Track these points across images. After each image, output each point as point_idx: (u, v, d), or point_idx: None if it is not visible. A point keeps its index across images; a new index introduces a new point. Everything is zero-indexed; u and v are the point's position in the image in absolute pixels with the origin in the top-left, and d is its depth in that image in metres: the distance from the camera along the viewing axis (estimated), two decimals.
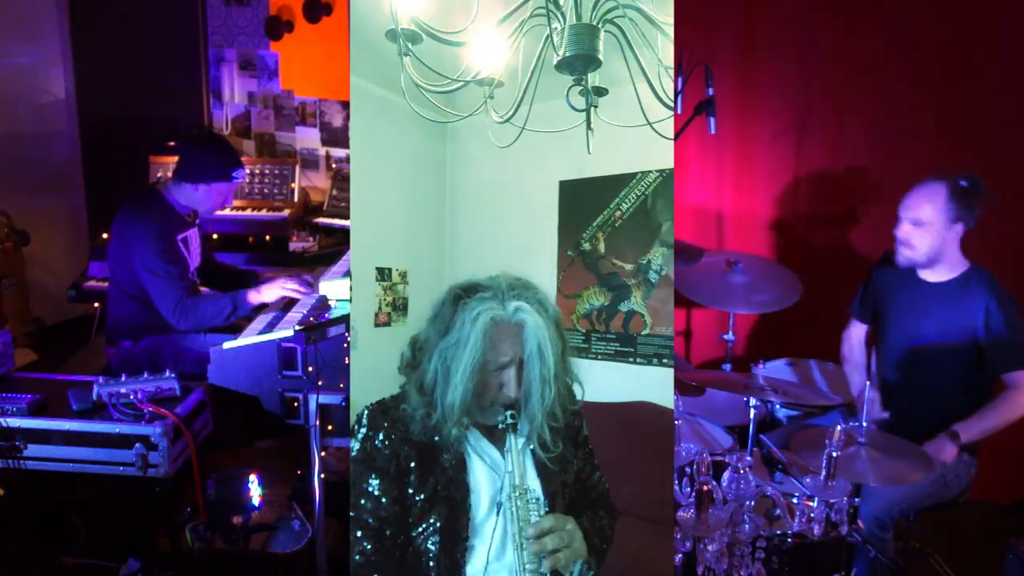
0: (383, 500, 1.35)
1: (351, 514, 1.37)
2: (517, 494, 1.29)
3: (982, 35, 3.12)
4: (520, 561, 1.27)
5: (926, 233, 2.52)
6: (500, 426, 1.35)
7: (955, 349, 2.54)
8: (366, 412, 1.40)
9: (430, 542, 1.35)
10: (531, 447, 1.44)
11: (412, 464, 1.36)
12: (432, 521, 1.35)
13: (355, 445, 1.38)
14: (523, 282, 1.37)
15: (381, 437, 1.37)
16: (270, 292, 2.96)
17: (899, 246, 2.59)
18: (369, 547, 1.33)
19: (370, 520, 1.34)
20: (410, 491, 1.36)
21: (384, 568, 1.34)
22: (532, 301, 1.33)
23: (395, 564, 1.36)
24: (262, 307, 2.99)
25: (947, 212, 2.48)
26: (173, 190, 3.04)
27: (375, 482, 1.35)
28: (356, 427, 1.39)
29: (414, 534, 1.36)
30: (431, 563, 1.35)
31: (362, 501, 1.35)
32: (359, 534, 1.34)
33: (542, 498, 1.43)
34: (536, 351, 1.31)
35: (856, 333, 2.90)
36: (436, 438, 1.37)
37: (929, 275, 2.62)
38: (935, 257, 2.56)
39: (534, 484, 1.44)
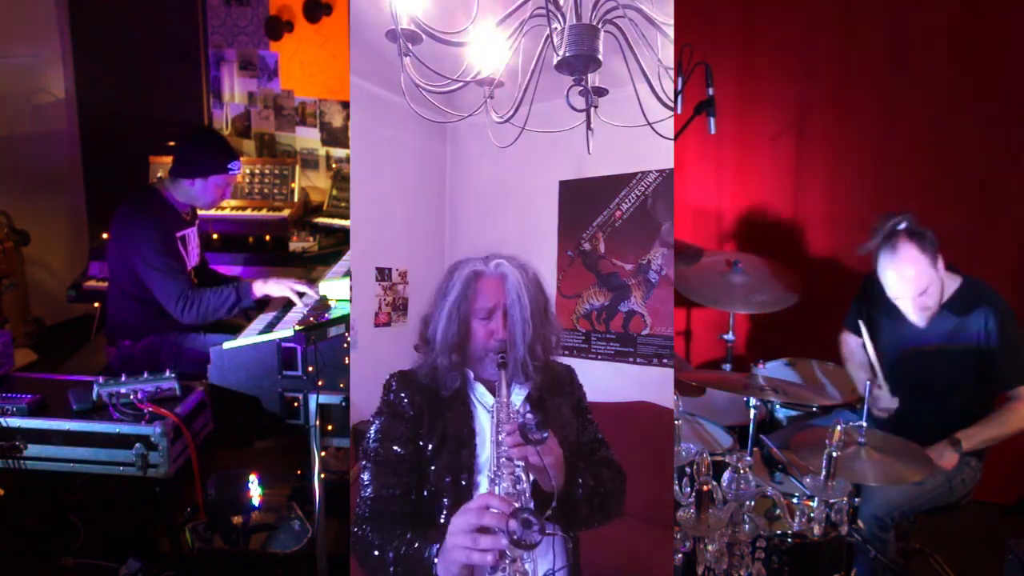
0: (403, 441, 1.57)
1: (364, 454, 1.59)
2: (500, 406, 1.47)
3: (982, 34, 3.12)
4: (495, 455, 1.41)
5: (934, 290, 2.45)
6: (494, 371, 1.56)
7: (956, 363, 2.51)
8: (391, 376, 1.66)
9: (442, 476, 1.54)
10: (529, 400, 1.63)
11: (424, 410, 1.59)
12: (443, 458, 1.55)
13: (383, 399, 1.64)
14: (509, 254, 1.64)
15: (399, 388, 1.62)
16: (277, 287, 2.91)
17: (916, 315, 2.50)
18: (393, 482, 1.54)
19: (391, 459, 1.55)
20: (422, 431, 1.58)
21: (404, 501, 1.54)
22: (514, 263, 1.61)
23: (412, 499, 1.55)
24: (264, 301, 2.98)
25: (931, 261, 2.42)
26: (171, 187, 3.04)
27: (396, 427, 1.58)
28: (385, 386, 1.65)
29: (428, 470, 1.56)
30: (444, 496, 1.53)
31: (388, 444, 1.57)
32: (375, 471, 1.55)
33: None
34: (516, 298, 1.58)
35: (852, 339, 2.89)
36: (443, 391, 1.60)
37: (923, 323, 2.56)
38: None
39: None
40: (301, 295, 2.91)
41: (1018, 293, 2.90)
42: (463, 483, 1.53)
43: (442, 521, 1.51)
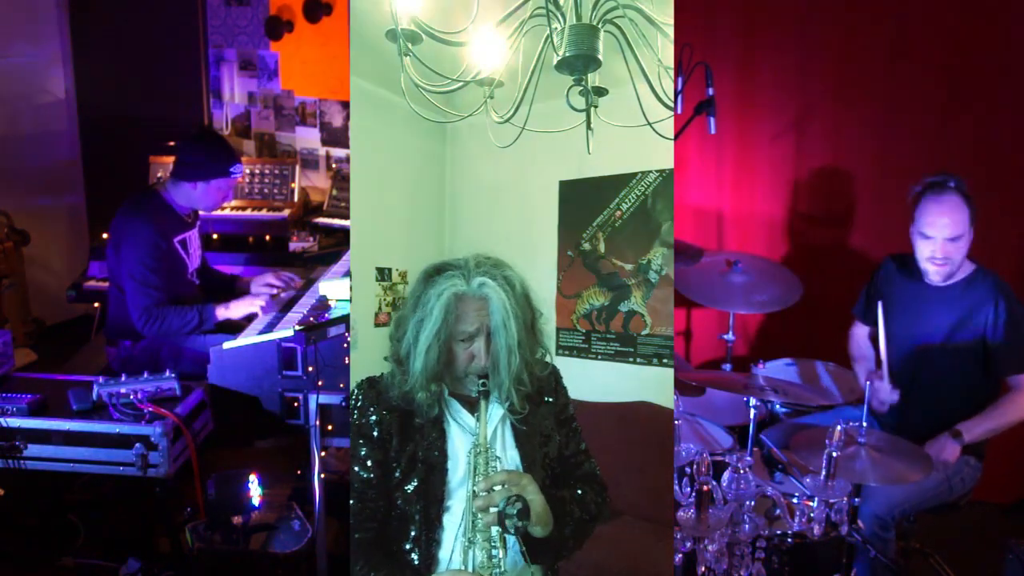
0: (368, 463, 1.47)
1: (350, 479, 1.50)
2: (478, 451, 1.39)
3: (983, 34, 3.12)
4: (470, 509, 1.35)
5: (963, 244, 2.49)
6: (474, 394, 1.46)
7: (961, 351, 2.53)
8: (357, 387, 1.54)
9: (410, 503, 1.46)
10: (509, 420, 1.55)
11: (393, 431, 1.48)
12: (412, 484, 1.46)
13: (352, 415, 1.53)
14: (492, 260, 1.48)
15: (366, 405, 1.50)
16: (238, 309, 2.96)
17: (933, 265, 2.52)
18: (356, 508, 1.46)
19: (356, 484, 1.47)
20: (392, 455, 1.47)
21: (367, 528, 1.47)
22: (497, 277, 1.44)
23: (378, 524, 1.48)
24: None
25: (970, 219, 2.47)
26: (172, 190, 3.04)
27: (361, 447, 1.48)
28: (350, 399, 1.54)
29: (396, 496, 1.47)
30: (411, 524, 1.46)
31: (353, 466, 1.49)
32: (351, 495, 1.48)
33: (520, 467, 1.53)
34: (501, 323, 1.43)
35: (860, 332, 2.90)
36: (417, 419, 1.49)
37: (935, 278, 2.61)
38: (958, 266, 2.54)
39: (512, 454, 1.54)
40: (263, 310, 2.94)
41: (1019, 285, 2.91)
42: (432, 511, 1.46)
43: (408, 547, 1.46)
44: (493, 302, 1.43)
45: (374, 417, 1.49)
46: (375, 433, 1.48)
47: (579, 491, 1.59)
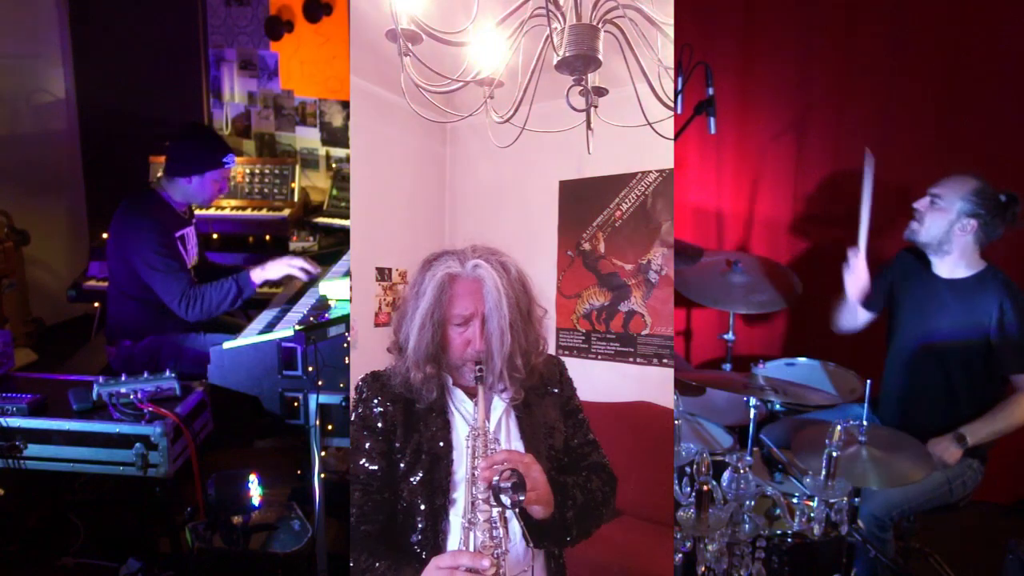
0: (373, 455, 1.47)
1: (350, 472, 1.49)
2: (476, 435, 1.39)
3: (983, 34, 3.12)
4: (471, 493, 1.34)
5: (937, 212, 2.53)
6: (472, 382, 1.46)
7: (966, 348, 2.53)
8: (361, 380, 1.54)
9: (416, 495, 1.45)
10: (513, 411, 1.55)
11: (398, 423, 1.48)
12: (417, 476, 1.46)
13: (353, 410, 1.53)
14: (489, 248, 1.50)
15: (371, 397, 1.50)
16: (275, 269, 2.93)
17: (913, 222, 2.62)
18: (360, 500, 1.46)
19: (360, 476, 1.46)
20: (396, 446, 1.47)
21: (373, 520, 1.46)
22: (492, 261, 1.46)
23: (384, 517, 1.47)
24: (267, 291, 3.00)
25: (965, 202, 2.49)
26: (168, 187, 3.05)
27: (366, 439, 1.48)
28: (353, 393, 1.54)
29: (402, 488, 1.47)
30: (417, 516, 1.46)
31: (357, 459, 1.48)
32: (354, 488, 1.47)
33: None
34: (494, 305, 1.43)
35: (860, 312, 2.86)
36: (419, 404, 1.49)
37: (943, 271, 2.61)
38: (939, 244, 2.56)
39: (517, 445, 1.54)
40: (302, 271, 2.98)
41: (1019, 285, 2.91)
42: (438, 503, 1.46)
43: (414, 540, 1.46)
44: (487, 283, 1.44)
45: (379, 409, 1.48)
46: (379, 424, 1.48)
47: (584, 476, 1.59)
